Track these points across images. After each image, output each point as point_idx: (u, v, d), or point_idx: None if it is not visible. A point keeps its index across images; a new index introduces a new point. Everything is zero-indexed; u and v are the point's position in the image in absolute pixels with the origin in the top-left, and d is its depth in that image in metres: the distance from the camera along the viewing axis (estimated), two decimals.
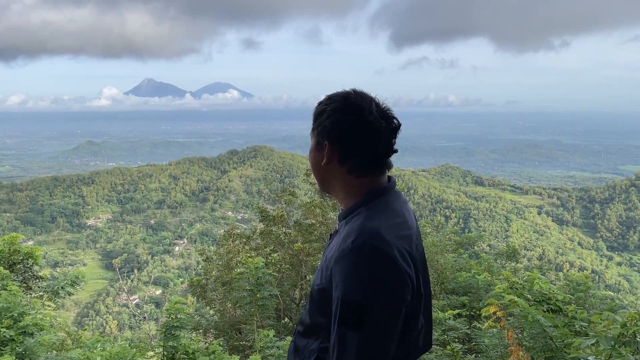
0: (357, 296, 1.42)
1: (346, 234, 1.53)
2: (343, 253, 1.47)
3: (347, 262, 1.46)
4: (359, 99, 1.62)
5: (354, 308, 1.41)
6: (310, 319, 1.67)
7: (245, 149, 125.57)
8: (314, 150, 1.70)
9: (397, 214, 1.61)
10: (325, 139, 1.63)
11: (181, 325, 4.31)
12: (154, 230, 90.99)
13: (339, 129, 1.60)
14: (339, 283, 1.46)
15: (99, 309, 63.40)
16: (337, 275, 1.47)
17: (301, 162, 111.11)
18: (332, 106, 1.63)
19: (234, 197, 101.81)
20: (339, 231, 1.67)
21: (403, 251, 1.50)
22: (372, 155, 1.61)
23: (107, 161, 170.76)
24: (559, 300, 3.90)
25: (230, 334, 9.51)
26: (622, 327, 2.53)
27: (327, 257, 1.60)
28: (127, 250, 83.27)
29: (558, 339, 3.27)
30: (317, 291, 1.61)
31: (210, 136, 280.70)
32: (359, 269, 1.43)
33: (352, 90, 1.67)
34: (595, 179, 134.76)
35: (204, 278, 11.24)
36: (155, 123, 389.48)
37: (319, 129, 1.65)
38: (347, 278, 1.44)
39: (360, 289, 1.42)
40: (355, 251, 1.45)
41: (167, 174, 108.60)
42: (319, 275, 1.62)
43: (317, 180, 1.75)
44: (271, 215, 11.58)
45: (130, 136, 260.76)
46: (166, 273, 75.68)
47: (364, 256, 1.44)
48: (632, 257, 79.68)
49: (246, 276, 5.65)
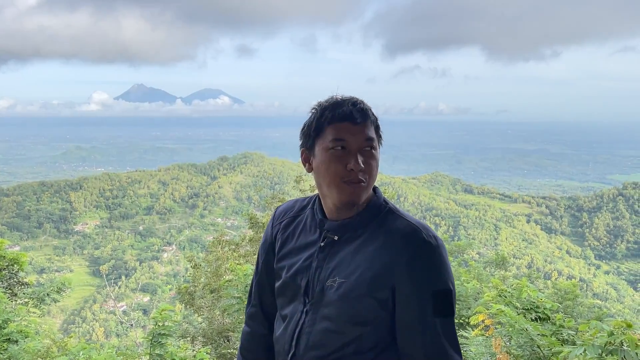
0: (447, 285, 1.50)
1: (406, 233, 1.53)
2: (421, 249, 1.50)
3: (430, 257, 1.50)
4: (326, 101, 1.62)
5: (448, 296, 1.50)
6: (342, 334, 1.56)
7: (236, 155, 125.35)
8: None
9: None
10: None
11: (168, 333, 4.26)
12: (143, 236, 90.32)
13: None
14: (425, 277, 1.49)
15: (86, 315, 62.69)
16: (419, 272, 1.49)
17: (291, 169, 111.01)
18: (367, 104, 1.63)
19: (223, 204, 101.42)
20: (355, 238, 1.59)
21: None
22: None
23: (96, 166, 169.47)
24: (547, 309, 3.92)
25: (219, 341, 9.44)
26: (609, 335, 2.55)
27: (371, 263, 1.53)
28: (114, 256, 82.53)
29: (546, 347, 3.28)
30: (357, 302, 1.53)
31: (200, 142, 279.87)
32: (441, 261, 1.51)
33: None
34: (583, 187, 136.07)
35: (192, 285, 11.16)
36: (145, 129, 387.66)
37: (378, 132, 1.64)
38: (435, 270, 1.50)
39: (447, 278, 1.50)
40: (433, 245, 1.50)
41: (157, 179, 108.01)
42: (359, 286, 1.53)
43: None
44: (261, 222, 11.54)
45: (120, 142, 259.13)
46: (154, 280, 75.06)
47: (440, 249, 1.51)
48: (620, 266, 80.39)
49: (235, 283, 5.62)
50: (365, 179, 1.55)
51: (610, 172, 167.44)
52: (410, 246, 1.50)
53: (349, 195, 1.55)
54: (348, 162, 1.52)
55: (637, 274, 77.28)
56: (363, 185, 1.55)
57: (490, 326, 3.86)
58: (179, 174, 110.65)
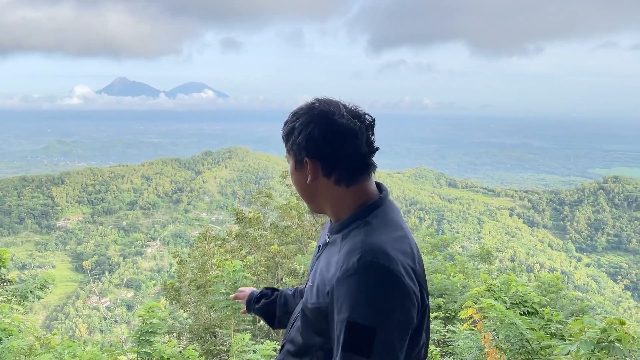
0: (366, 320, 1.31)
1: (349, 251, 1.42)
2: (348, 273, 1.36)
3: (354, 283, 1.35)
4: (325, 106, 1.53)
5: (363, 332, 1.31)
6: (303, 338, 1.58)
7: (220, 149, 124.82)
8: (295, 171, 1.60)
9: (397, 227, 1.51)
10: (304, 155, 1.52)
11: (155, 331, 4.21)
12: (126, 231, 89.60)
13: (315, 141, 1.50)
14: (344, 305, 1.35)
15: (69, 312, 62.10)
16: (342, 297, 1.36)
17: (277, 164, 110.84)
18: (300, 120, 1.53)
19: (208, 199, 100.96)
20: (332, 244, 1.58)
21: (408, 268, 1.41)
22: (356, 159, 1.51)
23: (78, 161, 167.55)
24: (535, 303, 3.95)
25: (205, 337, 9.39)
26: (602, 332, 2.56)
27: (322, 274, 1.50)
28: (97, 252, 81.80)
29: (534, 341, 3.30)
30: (312, 310, 1.51)
31: (184, 136, 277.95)
32: (367, 290, 1.33)
33: (314, 99, 1.58)
34: (565, 181, 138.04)
35: (178, 281, 11.08)
36: (128, 123, 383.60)
37: (295, 148, 1.55)
38: (355, 300, 1.33)
39: (369, 312, 1.32)
40: (363, 271, 1.35)
41: (140, 174, 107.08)
42: (313, 294, 1.52)
43: (306, 201, 1.64)
44: (247, 217, 11.48)
45: (102, 136, 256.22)
46: (138, 275, 74.59)
47: (372, 276, 1.34)
48: (600, 259, 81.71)
49: (223, 279, 5.58)
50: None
51: (591, 166, 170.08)
52: (343, 266, 1.39)
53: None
54: None
55: (617, 267, 78.65)
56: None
57: (479, 320, 3.87)
58: (163, 168, 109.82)
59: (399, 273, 1.36)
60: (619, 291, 72.32)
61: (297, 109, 1.58)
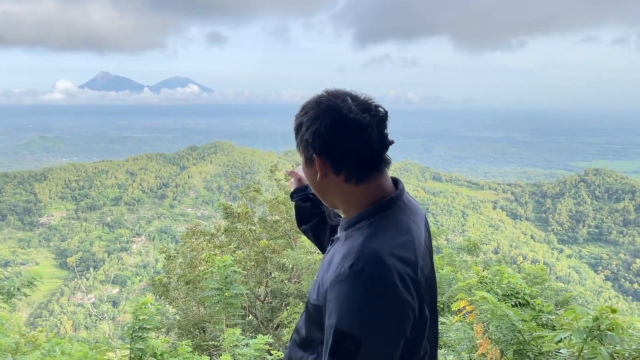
0: (352, 328, 1.27)
1: (345, 255, 1.36)
2: (339, 278, 1.31)
3: (343, 290, 1.30)
4: (332, 99, 1.44)
5: (348, 340, 1.27)
6: (307, 331, 1.55)
7: (205, 144, 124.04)
8: (305, 167, 1.54)
9: (403, 231, 1.42)
10: (312, 152, 1.45)
11: (149, 327, 4.19)
12: (111, 227, 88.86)
13: (322, 138, 1.42)
14: (333, 310, 1.31)
15: (53, 309, 61.53)
16: (332, 302, 1.32)
17: (262, 159, 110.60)
18: (308, 115, 1.45)
19: (193, 194, 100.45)
20: (339, 240, 1.53)
21: (405, 277, 1.32)
22: (366, 155, 1.43)
23: (61, 157, 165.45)
24: (527, 294, 4.02)
25: (194, 333, 9.38)
26: (594, 320, 2.61)
27: (324, 271, 1.46)
28: (82, 248, 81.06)
29: (526, 332, 3.36)
30: (313, 306, 1.48)
31: (168, 131, 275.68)
32: (355, 299, 1.28)
33: (323, 91, 1.50)
34: (547, 174, 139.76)
35: (167, 276, 11.02)
36: (112, 118, 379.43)
37: (303, 144, 1.48)
38: (343, 307, 1.29)
39: (356, 321, 1.27)
40: (353, 278, 1.29)
41: (124, 170, 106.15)
42: (315, 290, 1.48)
43: (319, 197, 1.59)
44: (235, 211, 11.44)
45: (85, 131, 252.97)
46: (123, 271, 74.13)
47: (362, 285, 1.28)
48: (581, 250, 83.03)
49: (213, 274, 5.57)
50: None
51: (572, 159, 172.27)
52: (337, 269, 1.34)
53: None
54: None
55: (597, 257, 79.98)
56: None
57: (471, 312, 3.92)
58: (148, 163, 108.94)
59: (392, 283, 1.29)
60: (600, 282, 73.62)
61: (306, 103, 1.50)
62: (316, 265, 9.08)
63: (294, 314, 8.94)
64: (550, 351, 3.04)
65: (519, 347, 3.36)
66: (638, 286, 71.64)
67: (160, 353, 3.97)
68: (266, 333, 8.62)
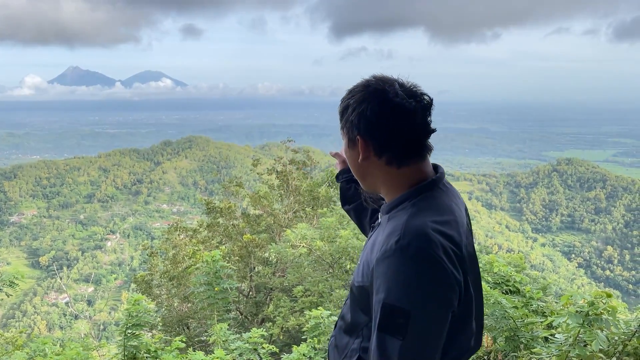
0: (401, 302, 1.30)
1: (390, 232, 1.40)
2: (386, 254, 1.35)
3: (391, 265, 1.33)
4: (380, 84, 1.49)
5: (397, 314, 1.30)
6: (352, 315, 1.59)
7: (180, 139, 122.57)
8: (347, 149, 1.58)
9: (445, 210, 1.46)
10: (357, 134, 1.50)
11: (142, 324, 4.15)
12: (84, 225, 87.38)
13: (368, 120, 1.47)
14: (381, 286, 1.34)
15: (26, 309, 60.34)
16: (380, 278, 1.35)
17: (238, 153, 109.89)
18: (355, 98, 1.50)
19: (168, 189, 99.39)
20: (381, 224, 1.56)
21: (450, 253, 1.36)
22: (409, 140, 1.48)
23: (31, 154, 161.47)
24: (517, 282, 4.10)
25: (178, 329, 9.31)
26: (589, 305, 2.68)
27: (367, 254, 1.50)
28: (55, 247, 79.58)
29: (518, 318, 3.43)
30: (358, 288, 1.51)
31: (141, 126, 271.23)
32: (403, 273, 1.31)
33: (371, 76, 1.54)
34: (520, 164, 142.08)
35: (149, 273, 10.90)
36: (83, 113, 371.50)
37: (348, 125, 1.53)
38: (391, 282, 1.32)
39: (405, 294, 1.30)
40: (400, 253, 1.33)
41: (97, 166, 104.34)
42: (359, 272, 1.51)
43: (358, 179, 1.63)
44: (218, 207, 11.36)
45: (56, 127, 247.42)
46: (98, 269, 73.01)
47: (409, 259, 1.32)
48: (555, 238, 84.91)
49: (204, 270, 5.53)
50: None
51: (545, 150, 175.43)
52: (383, 247, 1.38)
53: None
54: None
55: (570, 245, 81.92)
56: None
57: None
58: (121, 159, 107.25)
59: (438, 257, 1.32)
60: (573, 269, 75.51)
61: (353, 86, 1.55)
62: (301, 258, 9.10)
63: (279, 308, 8.96)
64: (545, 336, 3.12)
65: (511, 334, 3.44)
66: (610, 273, 73.70)
67: (154, 350, 3.94)
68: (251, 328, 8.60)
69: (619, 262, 75.42)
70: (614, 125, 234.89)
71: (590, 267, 76.03)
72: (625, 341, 3.01)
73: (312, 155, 13.43)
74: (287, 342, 8.82)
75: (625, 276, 72.42)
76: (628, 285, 69.85)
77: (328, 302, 8.37)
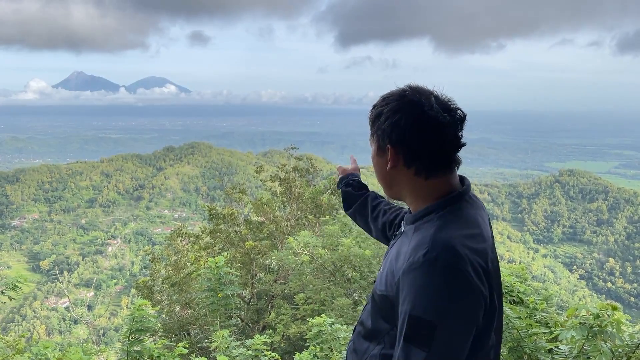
0: (427, 314, 1.31)
1: (417, 245, 1.41)
2: (414, 266, 1.36)
3: (418, 277, 1.34)
4: (416, 95, 1.50)
5: (423, 326, 1.31)
6: (372, 322, 1.61)
7: (182, 145, 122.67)
8: (376, 156, 1.59)
9: (472, 224, 1.48)
10: (387, 143, 1.51)
11: (146, 329, 4.16)
12: (85, 230, 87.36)
13: (401, 130, 1.48)
14: (407, 297, 1.35)
15: (26, 313, 60.24)
16: (406, 289, 1.36)
17: (240, 159, 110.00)
18: (389, 107, 1.51)
19: (170, 195, 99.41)
20: (405, 234, 1.58)
21: (477, 267, 1.36)
22: (439, 153, 1.49)
23: (34, 158, 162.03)
24: (521, 292, 4.10)
25: (179, 335, 9.29)
26: (595, 317, 2.68)
27: (392, 263, 1.50)
28: (55, 251, 79.53)
29: (522, 329, 3.43)
30: (380, 297, 1.53)
31: (144, 132, 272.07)
32: (430, 286, 1.32)
33: (407, 86, 1.54)
34: (522, 175, 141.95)
35: (151, 279, 10.89)
36: (86, 118, 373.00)
37: (379, 133, 1.53)
38: (418, 294, 1.33)
39: (431, 307, 1.31)
40: (428, 266, 1.34)
41: (99, 171, 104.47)
42: (382, 281, 1.53)
43: (383, 187, 1.64)
44: (221, 213, 11.37)
45: (59, 132, 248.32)
46: (99, 274, 72.90)
47: (437, 272, 1.32)
48: (556, 249, 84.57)
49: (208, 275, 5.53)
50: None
51: (547, 160, 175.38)
52: (410, 258, 1.39)
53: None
54: None
55: (572, 257, 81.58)
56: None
57: None
58: (123, 164, 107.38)
59: (466, 272, 1.33)
60: (574, 280, 75.14)
61: (387, 94, 1.56)
62: (303, 265, 9.09)
63: (281, 315, 8.94)
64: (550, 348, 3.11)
65: (515, 344, 3.44)
66: (611, 285, 73.36)
67: (157, 355, 3.94)
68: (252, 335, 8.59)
69: (620, 274, 75.07)
70: (616, 137, 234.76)
71: (592, 279, 75.67)
72: (629, 353, 3.01)
73: (314, 162, 13.47)
74: (288, 350, 8.80)
75: (627, 288, 72.06)
76: (630, 298, 69.48)
77: (329, 310, 8.35)
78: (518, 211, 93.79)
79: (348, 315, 8.03)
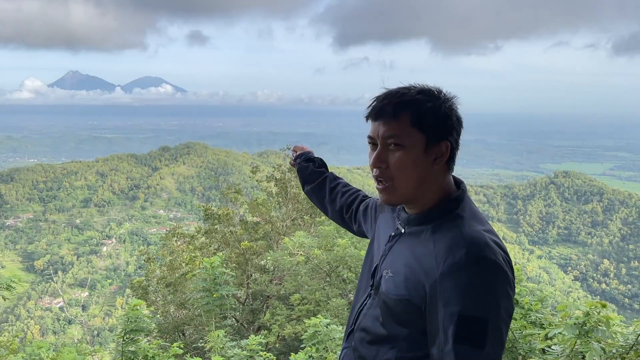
0: (479, 312, 1.32)
1: (451, 245, 1.40)
2: (456, 267, 1.35)
3: (464, 277, 1.34)
4: (444, 92, 1.52)
5: (476, 324, 1.32)
6: (386, 328, 1.56)
7: (178, 145, 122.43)
8: (422, 152, 1.46)
9: (484, 219, 1.50)
10: (444, 137, 1.47)
11: (141, 329, 4.15)
12: (80, 229, 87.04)
13: (458, 126, 1.51)
14: (454, 299, 1.34)
15: (20, 313, 59.96)
16: (450, 290, 1.35)
17: (236, 160, 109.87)
18: (448, 103, 1.49)
19: (165, 195, 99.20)
20: (416, 235, 1.53)
21: (506, 258, 1.40)
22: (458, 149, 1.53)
23: (28, 157, 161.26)
24: (516, 293, 4.11)
25: (174, 336, 9.27)
26: (585, 315, 2.70)
27: (412, 267, 1.47)
28: (50, 251, 79.23)
29: (516, 329, 3.44)
30: (397, 301, 1.48)
31: (140, 132, 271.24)
32: (478, 284, 1.33)
33: (423, 85, 1.52)
34: (518, 176, 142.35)
35: (146, 279, 10.86)
36: (82, 117, 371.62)
37: (434, 126, 1.46)
38: (466, 293, 1.33)
39: (481, 304, 1.32)
40: (472, 264, 1.34)
41: (94, 171, 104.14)
42: (400, 285, 1.48)
43: (411, 187, 1.49)
44: (216, 213, 11.35)
45: (54, 131, 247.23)
46: (93, 274, 72.64)
47: (482, 269, 1.34)
48: (551, 251, 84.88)
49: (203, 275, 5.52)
50: (383, 179, 1.50)
51: (542, 162, 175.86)
52: (448, 259, 1.37)
53: (379, 195, 1.56)
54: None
55: (567, 258, 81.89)
56: (381, 186, 1.52)
57: None
58: (118, 164, 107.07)
59: (501, 264, 1.36)
60: (569, 282, 75.44)
61: (425, 89, 1.51)
62: (298, 266, 9.08)
63: (276, 316, 8.94)
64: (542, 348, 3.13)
65: (509, 345, 3.45)
66: (606, 286, 73.68)
67: (151, 356, 3.93)
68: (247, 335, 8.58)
69: (615, 275, 75.44)
70: (611, 139, 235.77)
71: (587, 280, 75.99)
72: (623, 354, 3.03)
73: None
74: (283, 351, 8.79)
75: (621, 290, 72.41)
76: (624, 299, 69.82)
77: (325, 310, 8.35)
78: (513, 212, 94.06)
79: (343, 316, 8.04)
